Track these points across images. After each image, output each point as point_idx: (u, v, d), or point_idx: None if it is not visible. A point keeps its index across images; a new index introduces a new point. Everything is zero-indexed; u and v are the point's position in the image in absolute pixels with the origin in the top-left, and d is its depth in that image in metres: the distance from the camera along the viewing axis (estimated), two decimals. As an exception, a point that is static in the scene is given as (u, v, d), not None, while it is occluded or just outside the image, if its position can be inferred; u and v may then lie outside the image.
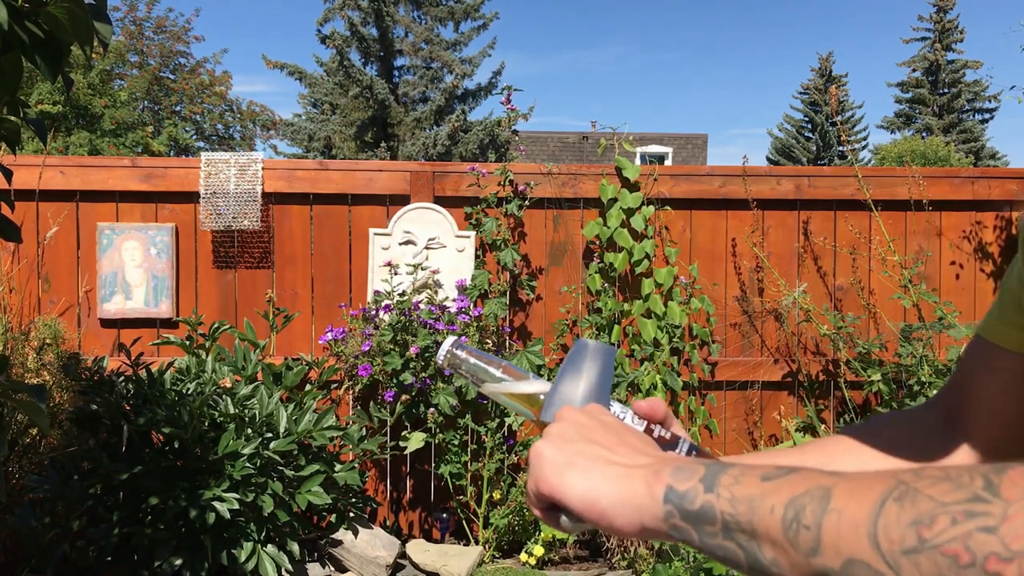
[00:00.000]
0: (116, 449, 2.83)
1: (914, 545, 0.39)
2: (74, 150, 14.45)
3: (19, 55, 1.42)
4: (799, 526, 0.44)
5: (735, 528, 0.48)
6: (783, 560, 0.45)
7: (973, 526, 0.38)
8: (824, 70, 33.49)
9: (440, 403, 3.44)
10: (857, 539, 0.42)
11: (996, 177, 3.95)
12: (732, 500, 0.48)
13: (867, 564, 0.41)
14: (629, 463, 0.56)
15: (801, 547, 0.44)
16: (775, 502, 0.46)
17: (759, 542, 0.46)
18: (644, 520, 0.53)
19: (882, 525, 0.41)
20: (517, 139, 4.34)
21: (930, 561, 0.39)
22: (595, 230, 3.76)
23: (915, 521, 0.40)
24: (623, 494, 0.54)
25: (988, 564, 0.37)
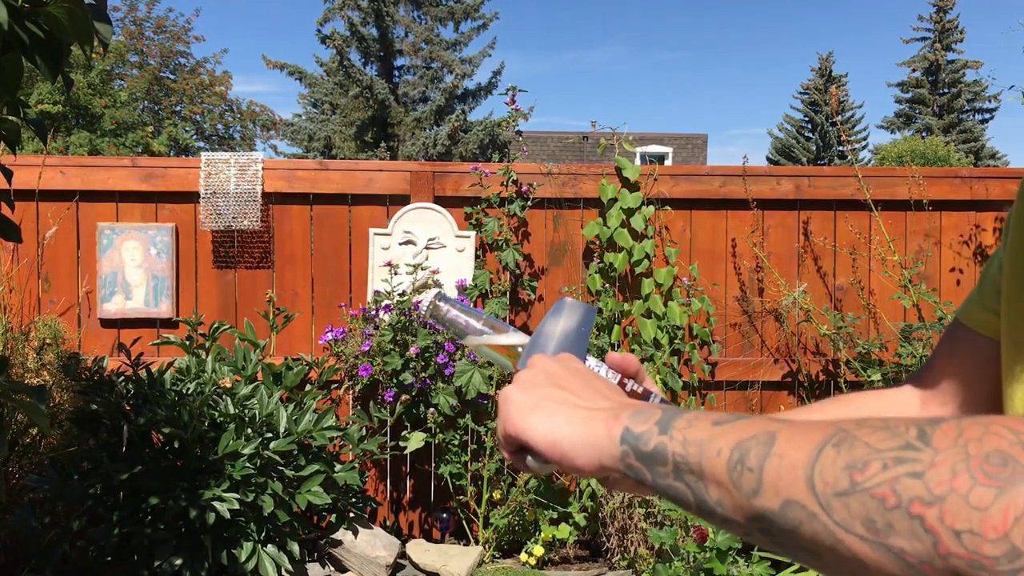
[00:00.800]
0: (116, 449, 2.83)
1: (846, 488, 0.41)
2: (74, 150, 14.45)
3: (19, 55, 1.42)
4: (743, 468, 0.46)
5: (685, 469, 0.50)
6: (727, 500, 0.47)
7: (902, 471, 0.40)
8: (824, 70, 33.49)
9: (440, 403, 3.44)
10: (795, 481, 0.44)
11: (996, 177, 3.94)
12: (684, 442, 0.50)
13: (802, 505, 0.43)
14: (591, 406, 0.58)
15: (744, 488, 0.46)
16: (722, 445, 0.48)
17: (706, 483, 0.48)
18: (602, 460, 0.55)
19: (818, 469, 0.43)
20: (520, 139, 4.34)
21: (859, 503, 0.41)
22: (595, 230, 3.76)
23: (849, 465, 0.42)
24: (583, 435, 0.56)
25: (912, 507, 0.39)
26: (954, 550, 0.38)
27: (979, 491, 0.38)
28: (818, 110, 32.64)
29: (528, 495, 3.57)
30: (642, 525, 3.38)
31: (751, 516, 0.46)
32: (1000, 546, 0.37)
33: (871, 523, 0.40)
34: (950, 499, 0.38)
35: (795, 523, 0.44)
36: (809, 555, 0.44)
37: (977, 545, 0.37)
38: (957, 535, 0.38)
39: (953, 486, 0.38)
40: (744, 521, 0.47)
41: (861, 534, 0.41)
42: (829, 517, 0.42)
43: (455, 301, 0.78)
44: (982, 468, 0.38)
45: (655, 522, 3.39)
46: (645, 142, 27.53)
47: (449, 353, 3.47)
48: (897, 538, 0.40)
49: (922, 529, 0.39)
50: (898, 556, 0.40)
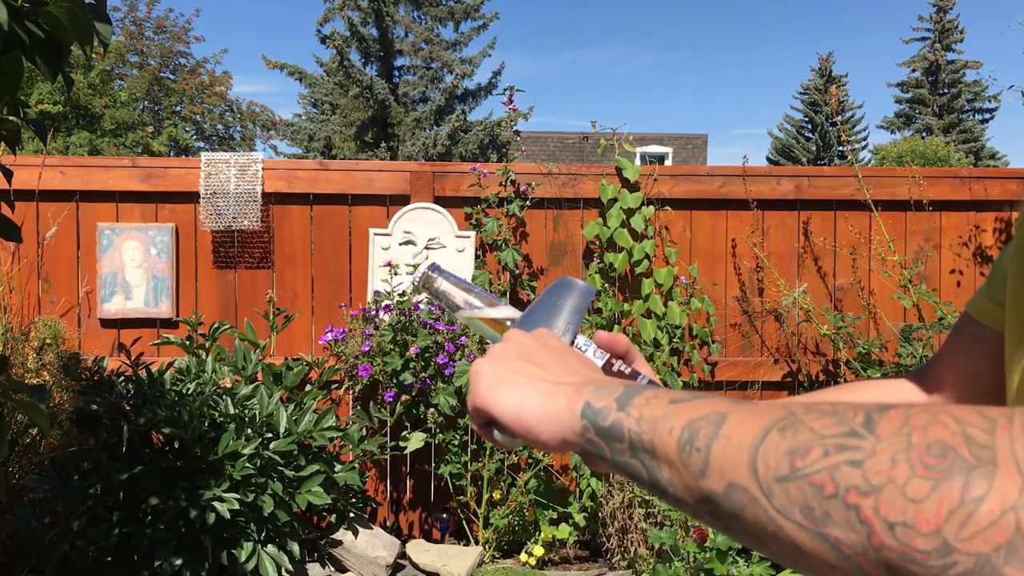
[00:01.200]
0: (116, 449, 2.83)
1: (786, 473, 0.41)
2: (74, 150, 14.45)
3: (19, 55, 1.42)
4: (692, 448, 0.46)
5: (639, 447, 0.49)
6: (678, 481, 0.47)
7: (842, 459, 0.39)
8: (824, 70, 33.49)
9: (440, 403, 3.44)
10: (739, 464, 0.43)
11: (996, 177, 3.95)
12: (639, 420, 0.50)
13: (745, 489, 0.43)
14: (558, 380, 0.58)
15: (692, 469, 0.46)
16: (675, 424, 0.47)
17: (658, 462, 0.48)
18: (564, 434, 0.54)
19: (762, 452, 0.42)
20: (519, 139, 4.34)
21: (798, 489, 0.40)
22: (595, 230, 3.76)
23: (791, 451, 0.41)
24: (547, 409, 0.55)
25: (848, 496, 0.38)
26: (887, 542, 0.37)
27: (916, 483, 0.37)
28: (818, 110, 32.63)
29: (528, 495, 3.57)
30: (642, 525, 3.38)
31: (699, 498, 0.46)
32: (932, 540, 0.36)
33: (809, 511, 0.40)
34: (887, 490, 0.37)
35: (739, 507, 0.43)
36: (754, 540, 0.44)
37: (910, 539, 0.36)
38: (891, 527, 0.37)
39: (891, 476, 0.38)
40: (693, 503, 0.47)
41: (799, 522, 0.40)
42: (770, 503, 0.41)
43: (448, 273, 0.76)
44: (922, 459, 0.37)
45: (655, 522, 3.39)
46: (645, 142, 27.53)
47: (449, 353, 3.47)
48: (833, 527, 0.39)
49: (857, 520, 0.38)
50: (834, 546, 0.39)
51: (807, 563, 0.41)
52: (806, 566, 0.41)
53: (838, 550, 0.39)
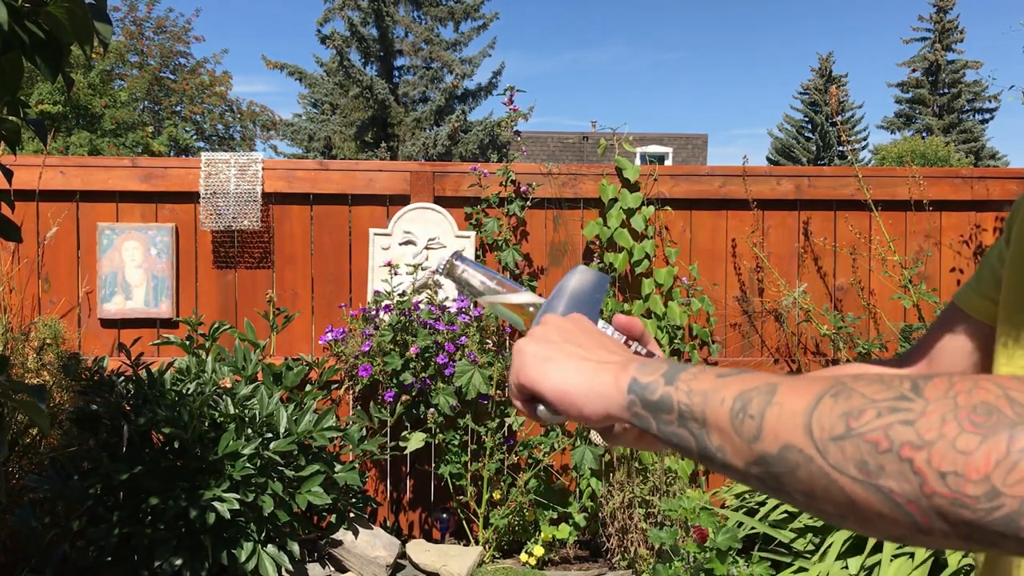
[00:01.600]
0: (116, 449, 2.83)
1: (842, 433, 0.45)
2: (74, 150, 14.45)
3: (19, 55, 1.42)
4: (745, 416, 0.50)
5: (689, 417, 0.53)
6: (728, 446, 0.51)
7: (895, 419, 0.44)
8: (824, 70, 33.48)
9: (440, 403, 3.44)
10: (794, 427, 0.47)
11: (996, 177, 3.95)
12: (689, 392, 0.54)
13: (800, 449, 0.46)
14: (601, 359, 0.61)
15: (744, 434, 0.49)
16: (726, 395, 0.51)
17: (708, 430, 0.52)
18: (609, 408, 0.58)
19: (816, 416, 0.46)
20: (519, 139, 4.34)
21: (854, 446, 0.44)
22: (595, 230, 3.76)
23: (845, 413, 0.45)
24: (592, 385, 0.59)
25: (903, 451, 0.42)
26: (939, 490, 0.41)
27: (965, 437, 0.41)
28: (818, 110, 32.62)
29: (528, 495, 3.57)
30: (642, 525, 3.37)
31: (751, 460, 0.49)
32: (981, 486, 0.40)
33: (864, 465, 0.44)
34: (938, 444, 0.42)
35: (792, 465, 0.47)
36: (803, 496, 0.48)
37: (960, 486, 0.41)
38: (943, 476, 0.41)
39: (942, 432, 0.42)
40: (743, 465, 0.50)
41: (854, 475, 0.44)
42: (824, 460, 0.45)
43: (471, 261, 0.80)
44: (969, 417, 0.42)
45: (655, 522, 3.39)
46: (645, 142, 27.53)
47: (449, 353, 3.47)
48: (887, 479, 0.43)
49: (911, 471, 0.42)
50: (887, 496, 0.43)
51: (856, 513, 0.45)
52: (855, 517, 0.45)
53: (891, 500, 0.43)
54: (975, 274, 0.82)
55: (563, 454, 3.71)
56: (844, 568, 2.69)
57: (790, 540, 2.94)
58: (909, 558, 2.58)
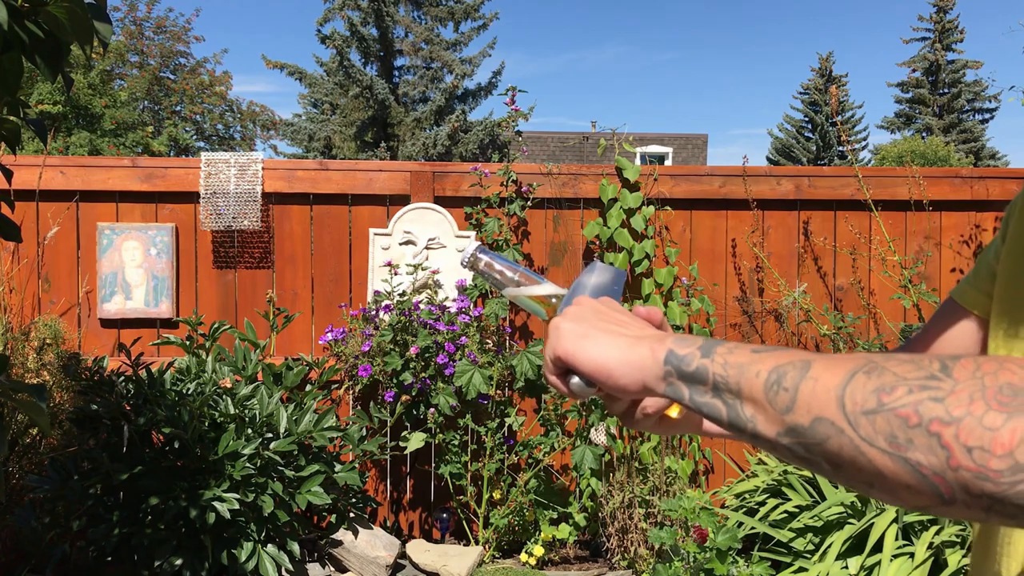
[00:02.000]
0: (116, 449, 2.83)
1: (874, 407, 0.47)
2: (74, 150, 14.44)
3: (19, 55, 1.42)
4: (779, 388, 0.52)
5: (723, 388, 0.56)
6: (760, 416, 0.53)
7: (925, 396, 0.46)
8: (824, 70, 33.47)
9: (440, 403, 3.44)
10: (827, 401, 0.49)
11: (996, 177, 3.95)
12: (724, 365, 0.56)
13: (831, 422, 0.49)
14: (637, 335, 0.64)
15: (778, 406, 0.52)
16: (761, 368, 0.54)
17: (742, 400, 0.55)
18: (646, 379, 0.61)
19: (849, 391, 0.49)
20: (520, 139, 4.34)
21: (884, 420, 0.47)
22: (595, 230, 3.76)
23: (878, 389, 0.48)
24: (629, 357, 0.62)
25: (932, 426, 0.45)
26: (964, 463, 0.44)
27: (992, 415, 0.44)
28: (818, 110, 32.61)
29: (528, 495, 3.57)
30: (642, 525, 3.37)
31: (783, 431, 0.52)
32: (1005, 461, 0.43)
33: (893, 438, 0.46)
34: (966, 421, 0.44)
35: (823, 437, 0.49)
36: (830, 465, 0.50)
37: (985, 460, 0.43)
38: (969, 451, 0.44)
39: (970, 410, 0.44)
40: (774, 435, 0.53)
41: (883, 448, 0.47)
42: (855, 432, 0.48)
43: (494, 254, 0.82)
44: (996, 397, 0.44)
45: (655, 522, 3.39)
46: (645, 142, 27.52)
47: (449, 353, 3.47)
48: (916, 452, 0.45)
49: (938, 445, 0.44)
50: (915, 468, 0.45)
51: (883, 484, 0.47)
52: (881, 486, 0.48)
53: (918, 472, 0.45)
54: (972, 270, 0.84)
55: (563, 454, 3.71)
56: (844, 568, 2.68)
57: (790, 540, 2.94)
58: (909, 558, 2.58)
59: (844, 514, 2.91)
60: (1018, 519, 0.44)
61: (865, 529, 2.71)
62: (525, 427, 3.73)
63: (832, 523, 2.92)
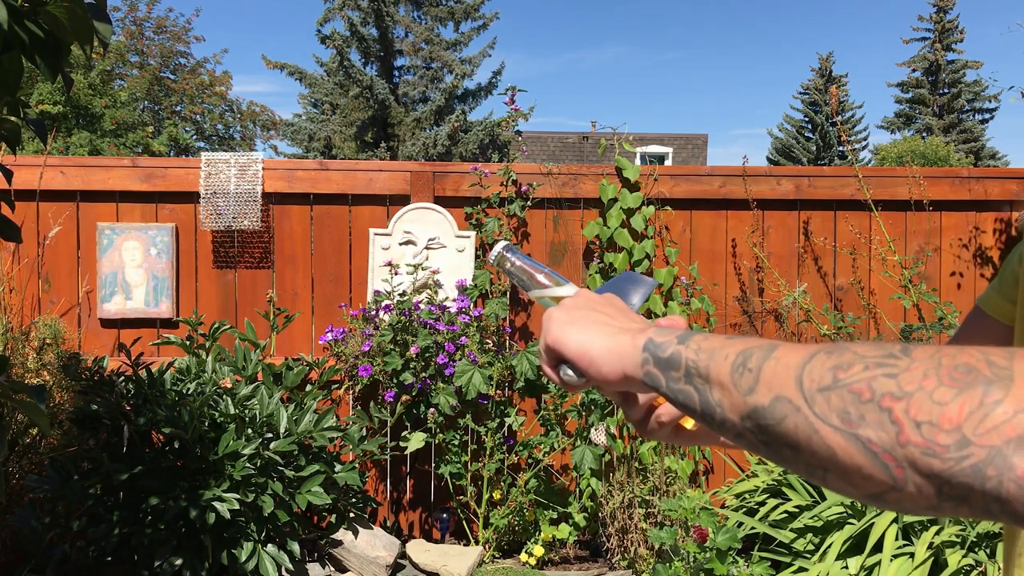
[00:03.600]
0: (116, 449, 2.83)
1: (829, 384, 0.47)
2: (74, 150, 14.44)
3: (19, 55, 1.42)
4: (744, 369, 0.52)
5: (695, 373, 0.56)
6: (726, 401, 0.53)
7: (880, 372, 0.46)
8: (824, 70, 33.47)
9: (440, 403, 3.44)
10: (787, 379, 0.49)
11: (996, 177, 3.94)
12: (697, 351, 0.56)
13: (789, 399, 0.48)
14: (623, 326, 0.65)
15: (742, 387, 0.52)
16: (729, 352, 0.54)
17: (711, 385, 0.54)
18: (625, 367, 0.61)
19: (808, 369, 0.49)
20: (520, 139, 4.35)
21: (838, 397, 0.46)
22: (595, 230, 3.76)
23: (835, 366, 0.47)
24: (611, 346, 0.63)
25: (883, 400, 0.44)
26: (913, 439, 0.43)
27: (942, 390, 0.43)
28: (818, 110, 32.61)
29: (528, 495, 3.57)
30: (642, 525, 3.37)
31: (744, 414, 0.51)
32: (952, 436, 0.42)
33: (846, 415, 0.46)
34: (917, 395, 0.43)
35: (780, 416, 0.49)
36: (790, 449, 0.49)
37: (933, 435, 0.42)
38: (918, 426, 0.43)
39: (922, 385, 0.44)
40: (738, 420, 0.52)
41: (836, 425, 0.46)
42: (810, 409, 0.47)
43: (521, 254, 0.84)
44: (950, 374, 0.44)
45: (655, 522, 3.39)
46: (645, 142, 27.52)
47: (449, 353, 3.47)
48: (866, 428, 0.45)
49: (889, 420, 0.44)
50: (865, 445, 0.45)
51: (837, 467, 0.47)
52: (835, 470, 0.47)
53: (868, 449, 0.45)
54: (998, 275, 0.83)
55: (563, 454, 3.71)
56: (844, 568, 2.68)
57: (790, 540, 2.94)
58: (909, 558, 2.58)
59: (844, 514, 2.91)
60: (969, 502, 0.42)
61: (865, 529, 2.71)
62: (525, 427, 3.73)
63: (832, 523, 2.92)
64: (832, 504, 2.94)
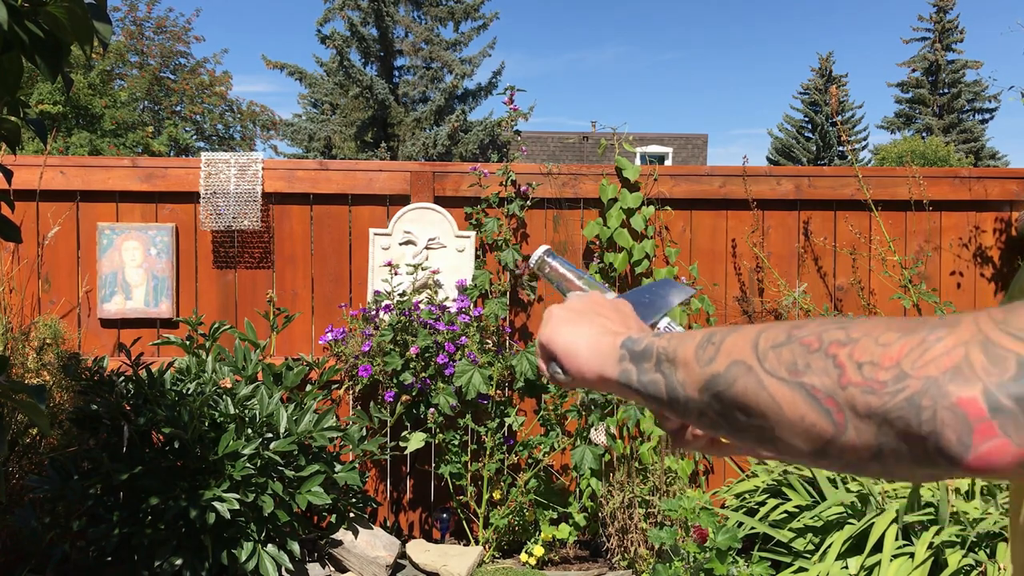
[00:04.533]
0: (116, 449, 2.83)
1: (782, 340, 0.49)
2: (74, 150, 14.44)
3: (19, 55, 1.42)
4: (708, 343, 0.53)
5: (664, 359, 0.57)
6: (689, 378, 0.54)
7: (832, 326, 0.48)
8: (824, 70, 33.47)
9: (440, 403, 3.44)
10: (744, 344, 0.51)
11: (996, 177, 3.95)
12: (669, 339, 0.58)
13: (743, 361, 0.50)
14: (615, 329, 0.65)
15: (703, 359, 0.53)
16: (697, 335, 0.56)
17: (676, 367, 0.55)
18: (604, 367, 0.62)
19: (765, 333, 0.50)
20: (519, 139, 4.35)
21: (788, 350, 0.48)
22: (595, 230, 3.76)
23: (791, 326, 0.50)
24: (595, 345, 0.64)
25: (830, 348, 0.46)
26: (854, 379, 0.44)
27: (888, 334, 0.45)
28: (818, 110, 32.61)
29: (528, 495, 3.57)
30: (642, 525, 3.37)
31: (702, 386, 0.52)
32: (891, 372, 0.43)
33: (793, 366, 0.47)
34: (863, 340, 0.45)
35: (732, 379, 0.50)
36: (742, 414, 0.50)
37: (874, 373, 0.43)
38: (860, 367, 0.44)
39: (868, 331, 0.46)
40: (698, 394, 0.53)
41: (783, 376, 0.47)
42: (761, 367, 0.48)
43: (561, 259, 0.86)
44: (897, 324, 0.45)
45: (655, 522, 3.39)
46: (645, 142, 27.52)
47: (449, 353, 3.47)
48: (811, 375, 0.46)
49: (832, 365, 0.45)
50: (808, 392, 0.46)
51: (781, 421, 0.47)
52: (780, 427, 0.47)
53: (811, 395, 0.45)
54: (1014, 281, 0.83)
55: (563, 454, 3.71)
56: (844, 568, 2.68)
57: (790, 540, 2.94)
58: (909, 558, 2.58)
59: (844, 514, 2.92)
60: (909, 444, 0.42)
61: (865, 529, 2.71)
62: (525, 427, 3.73)
63: (832, 523, 2.92)
64: (832, 504, 2.94)
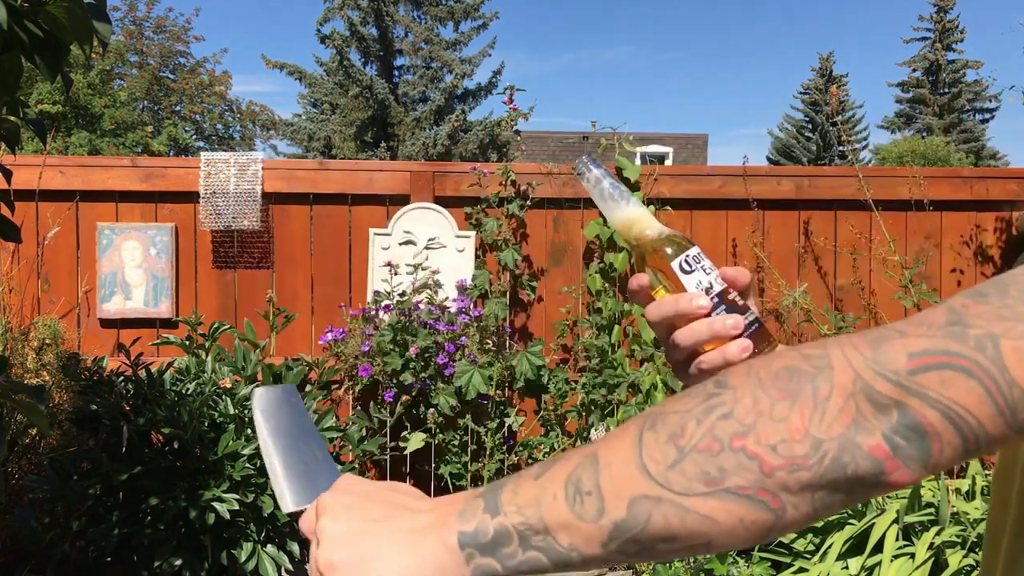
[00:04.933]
0: (116, 449, 2.83)
1: (675, 457, 0.45)
2: (74, 150, 14.44)
3: (19, 55, 1.41)
4: (581, 496, 0.47)
5: (530, 533, 0.48)
6: (579, 539, 0.47)
7: (713, 417, 0.45)
8: (824, 70, 33.47)
9: (440, 403, 3.44)
10: (631, 478, 0.46)
11: (996, 177, 3.95)
12: (519, 510, 0.48)
13: (645, 495, 0.45)
14: (412, 526, 0.52)
15: (588, 515, 0.46)
16: (555, 489, 0.48)
17: (554, 534, 0.47)
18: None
19: (646, 455, 0.46)
20: (519, 139, 4.35)
21: (691, 464, 0.44)
22: (595, 230, 3.75)
23: (670, 436, 0.45)
24: (424, 562, 0.50)
25: (733, 443, 0.44)
26: (775, 463, 0.43)
27: (778, 406, 0.43)
28: (819, 110, 32.61)
29: (528, 495, 3.57)
30: (642, 525, 3.37)
31: (605, 539, 0.46)
32: (806, 442, 0.42)
33: (707, 476, 0.44)
34: (759, 423, 0.43)
35: (645, 517, 0.45)
36: (665, 543, 0.46)
37: (790, 449, 0.43)
38: (773, 448, 0.43)
39: (758, 411, 0.44)
40: (601, 549, 0.47)
41: (703, 491, 0.44)
42: (671, 492, 0.44)
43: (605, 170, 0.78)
44: (775, 385, 0.44)
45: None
46: (645, 142, 27.50)
47: (449, 353, 3.47)
48: (731, 477, 0.43)
49: (746, 457, 0.43)
50: (737, 494, 0.43)
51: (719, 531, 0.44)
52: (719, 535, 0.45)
53: (742, 496, 0.43)
54: None
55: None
56: (844, 568, 2.68)
57: (790, 540, 2.94)
58: (909, 559, 2.58)
59: (844, 514, 2.91)
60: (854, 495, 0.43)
61: (865, 529, 2.71)
62: (525, 427, 3.73)
63: (832, 523, 2.91)
64: (832, 504, 2.93)
